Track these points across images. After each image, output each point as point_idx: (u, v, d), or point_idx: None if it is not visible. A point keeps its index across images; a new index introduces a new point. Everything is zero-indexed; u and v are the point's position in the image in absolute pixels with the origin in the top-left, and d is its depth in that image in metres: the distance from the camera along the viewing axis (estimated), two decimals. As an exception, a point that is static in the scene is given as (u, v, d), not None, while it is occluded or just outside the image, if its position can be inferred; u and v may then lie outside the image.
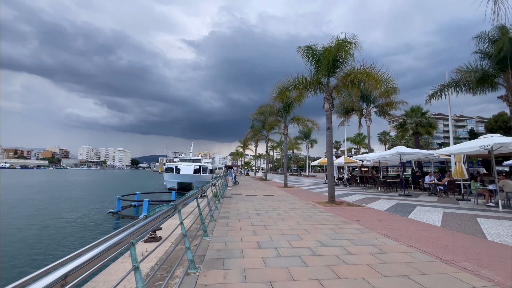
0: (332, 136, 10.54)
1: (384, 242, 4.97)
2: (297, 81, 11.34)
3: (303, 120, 19.59)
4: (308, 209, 8.71)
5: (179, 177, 32.60)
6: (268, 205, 9.64)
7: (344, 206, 9.73)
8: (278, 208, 8.92)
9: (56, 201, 21.60)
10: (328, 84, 10.83)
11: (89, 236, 11.38)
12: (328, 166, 10.40)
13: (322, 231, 5.69)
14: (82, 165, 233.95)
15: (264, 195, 13.24)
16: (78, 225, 13.17)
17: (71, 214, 15.70)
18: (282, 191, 15.49)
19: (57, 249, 9.74)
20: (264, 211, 8.18)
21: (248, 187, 18.99)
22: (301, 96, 12.42)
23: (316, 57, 11.09)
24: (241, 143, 54.06)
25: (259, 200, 11.20)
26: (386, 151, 14.88)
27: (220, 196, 11.28)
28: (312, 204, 9.89)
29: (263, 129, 31.50)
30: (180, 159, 39.86)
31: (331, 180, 10.29)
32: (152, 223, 2.19)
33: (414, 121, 32.04)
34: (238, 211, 8.13)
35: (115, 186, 40.59)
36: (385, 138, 70.28)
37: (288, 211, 8.32)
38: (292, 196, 12.73)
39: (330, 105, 10.55)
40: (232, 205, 9.53)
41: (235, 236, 5.24)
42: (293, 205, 9.58)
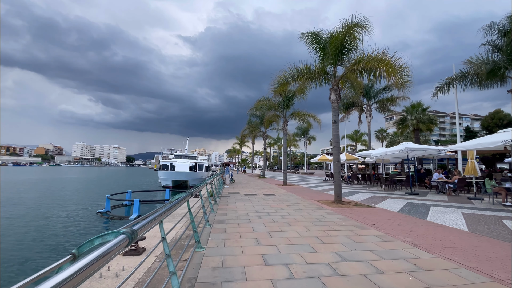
0: (339, 131, 9.67)
1: (415, 254, 4.11)
2: (300, 71, 10.41)
3: (303, 115, 18.70)
4: (314, 210, 7.84)
5: (174, 174, 31.57)
6: (269, 205, 8.75)
7: (353, 206, 8.89)
8: (281, 209, 8.03)
9: (43, 200, 20.44)
10: (334, 74, 9.92)
11: (73, 239, 10.38)
12: (334, 162, 9.54)
13: (337, 239, 4.81)
14: (76, 162, 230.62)
15: (264, 193, 12.35)
16: (62, 226, 12.15)
17: (56, 214, 14.64)
18: (282, 189, 14.62)
19: (31, 256, 8.73)
20: (266, 213, 7.29)
21: (246, 185, 18.09)
22: (304, 88, 11.52)
23: (321, 44, 10.16)
24: (237, 140, 53.11)
25: (258, 199, 10.30)
26: (393, 147, 14.09)
27: (216, 195, 10.36)
28: (318, 205, 9.02)
29: (260, 125, 30.58)
30: (175, 155, 38.76)
31: (337, 178, 9.43)
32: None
33: (415, 117, 31.44)
34: (237, 213, 7.22)
35: (108, 184, 39.36)
36: (382, 135, 70.03)
37: (293, 213, 7.44)
38: (293, 195, 11.86)
39: (337, 97, 9.66)
40: (229, 205, 8.62)
41: (234, 246, 4.33)
42: (297, 206, 8.71)
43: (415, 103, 32.36)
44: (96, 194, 24.63)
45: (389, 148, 14.40)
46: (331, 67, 10.05)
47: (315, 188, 16.84)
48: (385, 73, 8.66)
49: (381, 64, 8.31)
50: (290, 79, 10.81)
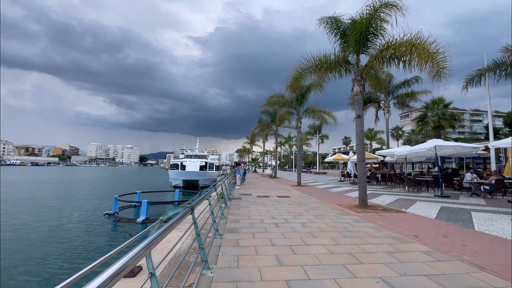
0: (363, 126, 8.63)
1: (486, 281, 3.13)
2: (318, 61, 9.43)
3: (318, 112, 17.63)
4: (338, 217, 6.88)
5: (185, 174, 31.13)
6: (285, 210, 7.84)
7: (380, 211, 7.86)
8: (300, 214, 7.11)
9: (54, 199, 20.36)
10: (357, 63, 8.89)
11: (77, 242, 9.86)
12: (358, 162, 8.50)
13: (377, 257, 3.86)
14: (91, 161, 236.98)
15: (278, 195, 11.45)
16: (67, 229, 11.70)
17: (64, 215, 14.30)
18: (297, 191, 13.66)
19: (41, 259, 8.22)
20: (283, 220, 6.39)
21: (258, 185, 17.24)
22: (322, 81, 10.51)
23: (342, 30, 9.14)
24: (248, 139, 52.37)
25: (273, 202, 9.42)
26: (420, 145, 12.85)
27: (227, 197, 9.56)
28: (340, 209, 8.04)
29: (272, 123, 29.67)
30: (185, 155, 38.40)
31: (362, 179, 8.40)
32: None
33: (436, 113, 29.64)
34: (250, 220, 6.37)
35: (120, 184, 39.53)
36: (398, 133, 67.49)
37: (314, 219, 6.51)
38: (310, 198, 10.90)
39: (361, 88, 8.62)
40: (241, 210, 7.78)
41: (250, 267, 3.47)
42: (317, 210, 7.76)
43: (436, 99, 30.53)
44: (107, 193, 24.45)
45: (415, 146, 13.16)
46: (353, 55, 9.02)
47: (332, 189, 15.77)
48: (418, 60, 7.56)
49: (415, 49, 7.22)
50: (307, 71, 9.85)
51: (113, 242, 9.87)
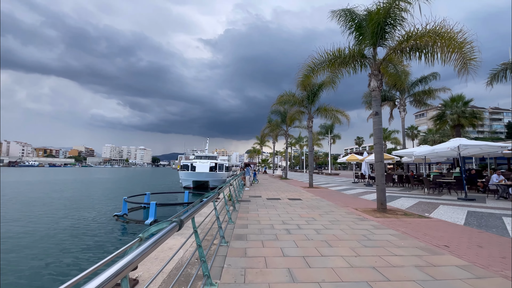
0: (381, 124, 8.02)
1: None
2: (332, 56, 8.89)
3: (330, 111, 16.98)
4: (356, 222, 6.33)
5: (195, 175, 31.09)
6: (297, 213, 7.36)
7: (401, 216, 7.24)
8: (313, 219, 6.61)
9: (67, 200, 20.65)
10: (374, 56, 8.29)
11: (83, 242, 9.73)
12: (376, 163, 7.90)
13: (406, 272, 3.34)
14: (105, 163, 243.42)
15: (289, 198, 10.95)
16: (76, 229, 11.64)
17: (74, 215, 14.33)
18: (309, 193, 13.11)
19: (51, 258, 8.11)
20: (295, 225, 5.92)
21: (268, 187, 16.78)
22: (335, 77, 9.96)
23: (356, 23, 8.59)
24: (258, 140, 51.95)
25: (283, 205, 8.94)
26: (442, 144, 12.04)
27: (235, 199, 9.18)
28: (357, 213, 7.47)
29: (282, 123, 29.12)
30: (195, 156, 38.42)
31: (381, 181, 7.80)
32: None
33: (455, 111, 28.21)
34: (260, 225, 5.93)
35: (132, 184, 40.02)
36: (413, 133, 65.26)
37: (329, 225, 6.00)
38: (324, 200, 10.34)
39: (379, 83, 8.02)
40: (250, 213, 7.35)
41: (258, 283, 3.04)
42: (332, 215, 7.23)
43: (455, 96, 29.13)
44: (118, 194, 24.60)
45: (436, 145, 12.33)
46: (369, 48, 8.43)
47: (346, 191, 15.10)
48: (442, 51, 6.91)
49: (440, 39, 6.58)
50: (319, 67, 9.33)
51: (120, 244, 9.67)
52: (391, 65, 9.60)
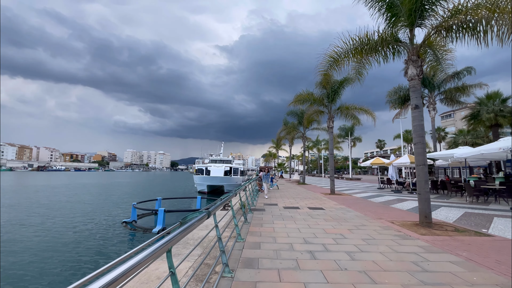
0: (423, 119, 6.61)
1: None
2: (358, 42, 7.62)
3: (353, 110, 15.49)
4: (398, 242, 4.99)
5: (209, 179, 30.41)
6: (321, 228, 6.10)
7: (452, 233, 5.78)
8: (342, 237, 5.34)
9: (80, 204, 20.55)
10: (412, 39, 6.94)
11: (85, 250, 9.03)
12: (418, 167, 6.47)
13: None
14: (127, 167, 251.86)
15: (309, 207, 9.67)
16: (81, 236, 11.05)
17: (83, 222, 13.87)
18: (332, 201, 11.72)
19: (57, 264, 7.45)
20: (321, 245, 4.69)
21: (285, 193, 15.51)
22: (361, 68, 8.65)
23: (388, 2, 7.28)
24: (273, 143, 50.71)
25: (304, 216, 7.70)
26: (490, 144, 10.31)
27: (248, 208, 8.07)
28: (396, 229, 6.08)
29: (299, 125, 27.78)
30: (210, 160, 37.85)
31: (424, 189, 6.36)
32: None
33: (492, 110, 25.51)
34: (275, 244, 4.76)
35: (149, 188, 40.14)
36: (440, 135, 61.03)
37: (364, 245, 4.71)
38: (350, 210, 8.96)
39: (418, 71, 6.65)
40: (264, 227, 6.20)
41: None
42: (364, 230, 5.90)
43: (492, 93, 26.47)
44: (133, 198, 24.30)
45: (482, 147, 10.53)
46: (405, 30, 7.09)
47: (373, 198, 13.51)
48: (499, 26, 5.47)
49: (501, 11, 5.16)
50: (343, 56, 8.08)
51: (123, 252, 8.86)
52: (430, 52, 8.14)
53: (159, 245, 1.56)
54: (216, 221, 3.45)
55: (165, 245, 1.63)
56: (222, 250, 3.41)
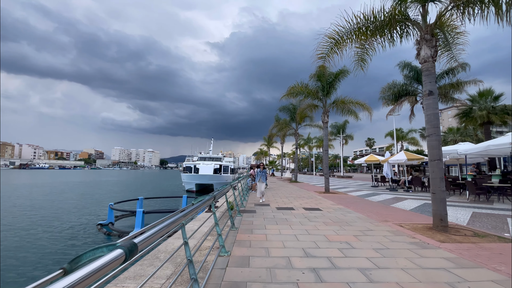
0: (437, 107, 5.76)
1: None
2: (363, 21, 6.67)
3: (349, 104, 14.67)
4: (416, 252, 4.09)
5: (198, 177, 29.14)
6: (322, 234, 5.15)
7: (473, 238, 4.96)
8: (348, 245, 4.39)
9: (59, 203, 18.95)
10: (425, 16, 6.06)
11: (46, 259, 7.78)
12: (432, 162, 5.60)
13: None
14: (114, 165, 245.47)
15: (305, 207, 8.73)
16: (48, 240, 9.74)
17: (54, 224, 12.48)
18: (328, 200, 10.85)
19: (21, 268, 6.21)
20: (326, 260, 3.72)
21: (277, 192, 14.56)
22: (364, 53, 7.73)
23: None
24: (265, 141, 49.75)
25: (300, 218, 6.74)
26: (499, 139, 9.65)
27: (237, 209, 7.06)
28: (409, 234, 5.20)
29: (291, 122, 26.91)
30: (199, 157, 36.49)
31: (439, 187, 5.51)
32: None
33: (484, 107, 25.44)
34: (269, 258, 3.76)
35: (135, 186, 38.41)
36: (428, 133, 61.61)
37: (379, 258, 3.78)
38: (350, 211, 8.08)
39: (433, 51, 5.78)
40: (255, 233, 5.18)
41: None
42: (372, 236, 4.99)
43: (484, 91, 26.40)
44: (116, 197, 22.82)
45: (490, 141, 9.90)
46: (416, 6, 6.20)
47: (370, 197, 12.75)
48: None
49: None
50: (346, 37, 7.13)
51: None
52: (439, 36, 7.30)
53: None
54: (186, 236, 2.41)
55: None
56: (193, 278, 2.37)
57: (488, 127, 26.03)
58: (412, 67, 23.37)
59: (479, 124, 26.92)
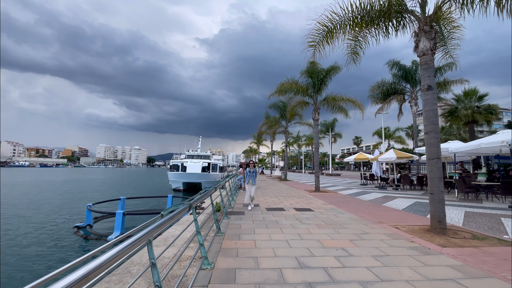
0: (436, 103, 5.45)
1: None
2: (359, 10, 6.28)
3: (340, 101, 14.40)
4: (419, 259, 3.74)
5: (185, 176, 28.30)
6: (316, 239, 4.74)
7: (472, 240, 4.71)
8: (345, 252, 4.00)
9: (35, 203, 17.77)
10: (423, 6, 5.72)
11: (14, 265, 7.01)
12: (430, 161, 5.29)
13: None
14: (99, 163, 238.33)
15: (296, 208, 8.34)
16: (17, 244, 8.90)
17: (31, 225, 11.55)
18: (319, 199, 10.53)
19: None
20: (323, 272, 3.30)
21: (267, 190, 14.15)
22: (358, 45, 7.38)
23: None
24: (255, 138, 49.33)
25: (291, 221, 6.34)
26: (491, 137, 9.61)
27: (224, 211, 6.57)
28: (406, 237, 4.88)
29: (281, 119, 26.57)
30: (186, 155, 35.56)
31: (438, 187, 5.22)
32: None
33: (469, 107, 25.99)
34: (258, 271, 3.30)
35: (119, 185, 37.06)
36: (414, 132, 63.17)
37: (379, 267, 3.39)
38: (342, 211, 7.76)
39: (431, 44, 5.46)
40: (242, 240, 4.71)
41: None
42: (369, 241, 4.63)
43: (469, 91, 26.93)
44: (98, 197, 21.73)
45: (482, 140, 9.83)
46: (414, -4, 5.87)
47: (361, 196, 12.55)
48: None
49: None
50: (340, 27, 6.74)
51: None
52: (436, 27, 7.03)
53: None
54: (153, 256, 1.90)
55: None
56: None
57: (472, 126, 26.64)
58: (400, 66, 23.56)
59: (464, 124, 27.53)
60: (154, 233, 1.75)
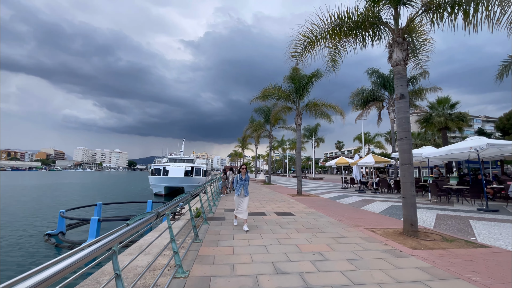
0: (408, 111, 5.74)
1: None
2: (338, 21, 6.50)
3: (322, 106, 14.75)
4: (391, 261, 3.88)
5: (167, 180, 27.64)
6: (294, 244, 4.78)
7: (442, 243, 4.94)
8: (322, 256, 4.06)
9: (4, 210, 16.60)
10: (397, 19, 6.02)
11: None
12: (402, 166, 5.54)
13: None
14: (76, 166, 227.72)
15: (277, 212, 8.38)
16: None
17: None
18: (300, 203, 10.65)
19: None
20: (298, 277, 3.32)
21: (250, 195, 14.08)
22: (336, 54, 7.61)
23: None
24: (239, 142, 49.22)
25: (271, 226, 6.35)
26: (461, 143, 10.16)
27: (204, 216, 6.47)
28: (380, 240, 5.04)
29: (265, 123, 26.74)
30: (169, 158, 34.80)
31: (410, 192, 5.46)
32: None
33: (442, 114, 27.49)
34: (233, 278, 3.26)
35: (97, 190, 35.50)
36: (391, 137, 65.75)
37: (353, 271, 3.47)
38: (322, 215, 7.89)
39: (404, 55, 5.75)
40: (221, 246, 4.66)
41: None
42: (346, 244, 4.74)
43: (442, 98, 28.47)
44: (72, 203, 20.66)
45: (453, 145, 10.42)
46: (389, 9, 6.17)
47: (341, 199, 12.83)
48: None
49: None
50: (320, 37, 6.93)
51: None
52: (408, 41, 7.42)
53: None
54: (118, 267, 1.83)
55: None
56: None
57: (445, 132, 28.16)
58: (379, 74, 24.54)
59: (438, 130, 29.05)
60: (116, 242, 1.69)
